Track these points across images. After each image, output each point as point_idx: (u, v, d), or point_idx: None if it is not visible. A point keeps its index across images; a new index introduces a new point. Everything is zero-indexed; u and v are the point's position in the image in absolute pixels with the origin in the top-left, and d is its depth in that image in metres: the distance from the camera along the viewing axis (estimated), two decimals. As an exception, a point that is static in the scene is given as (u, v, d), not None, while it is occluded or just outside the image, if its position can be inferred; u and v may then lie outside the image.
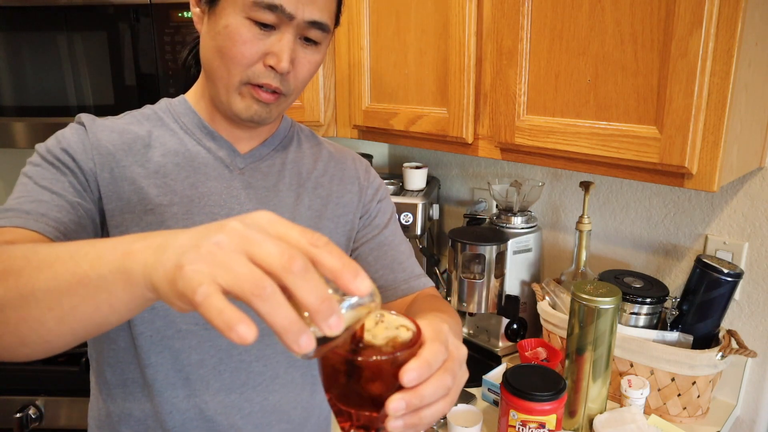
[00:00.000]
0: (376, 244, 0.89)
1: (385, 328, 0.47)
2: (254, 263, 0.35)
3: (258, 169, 0.81)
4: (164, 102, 0.82)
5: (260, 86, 0.71)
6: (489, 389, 1.15)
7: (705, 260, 1.04)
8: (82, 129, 0.74)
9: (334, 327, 0.36)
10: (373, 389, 0.44)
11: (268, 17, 0.68)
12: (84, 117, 0.75)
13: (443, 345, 0.46)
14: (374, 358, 0.43)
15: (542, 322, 1.21)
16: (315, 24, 0.71)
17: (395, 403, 0.43)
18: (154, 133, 0.77)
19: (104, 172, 0.72)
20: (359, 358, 0.43)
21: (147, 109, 0.81)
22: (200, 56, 0.75)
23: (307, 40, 0.73)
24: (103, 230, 0.73)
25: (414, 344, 0.45)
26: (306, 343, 0.35)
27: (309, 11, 0.70)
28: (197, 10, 0.75)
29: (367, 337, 0.46)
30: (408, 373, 0.43)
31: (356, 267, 0.36)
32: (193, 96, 0.81)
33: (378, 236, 0.89)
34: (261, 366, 0.78)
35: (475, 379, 1.19)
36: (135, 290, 0.40)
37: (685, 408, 1.05)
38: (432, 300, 0.83)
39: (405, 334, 0.46)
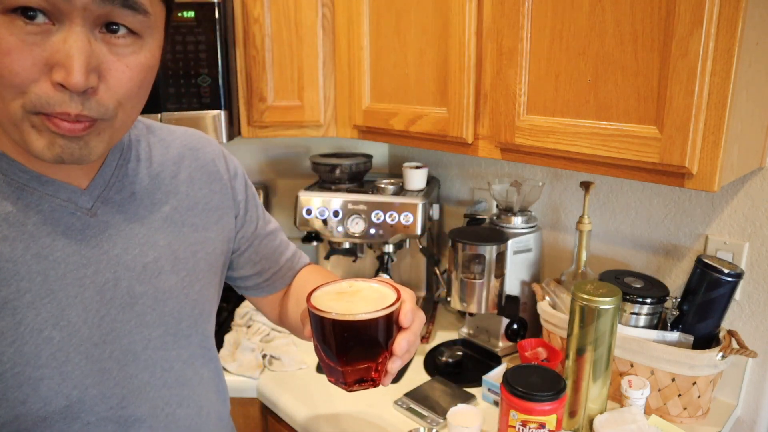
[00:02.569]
0: (256, 240, 0.84)
1: (376, 295, 0.61)
2: None
3: (109, 201, 0.64)
4: None
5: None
6: (489, 389, 1.14)
7: (705, 260, 1.04)
8: None
9: None
10: (379, 339, 0.58)
11: None
12: None
13: (411, 291, 0.62)
14: (382, 313, 0.57)
15: (542, 322, 1.21)
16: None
17: (400, 345, 0.58)
18: None
19: None
20: (369, 317, 0.56)
21: None
22: None
23: (114, 31, 0.50)
24: None
25: (399, 298, 0.59)
26: None
27: None
28: None
29: (366, 302, 0.59)
30: (407, 316, 0.58)
31: None
32: None
33: (256, 231, 0.84)
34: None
35: (475, 379, 1.19)
36: None
37: (685, 408, 1.05)
38: (318, 272, 0.89)
39: (390, 293, 0.61)
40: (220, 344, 1.34)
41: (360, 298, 0.61)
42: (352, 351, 0.57)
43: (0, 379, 0.56)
